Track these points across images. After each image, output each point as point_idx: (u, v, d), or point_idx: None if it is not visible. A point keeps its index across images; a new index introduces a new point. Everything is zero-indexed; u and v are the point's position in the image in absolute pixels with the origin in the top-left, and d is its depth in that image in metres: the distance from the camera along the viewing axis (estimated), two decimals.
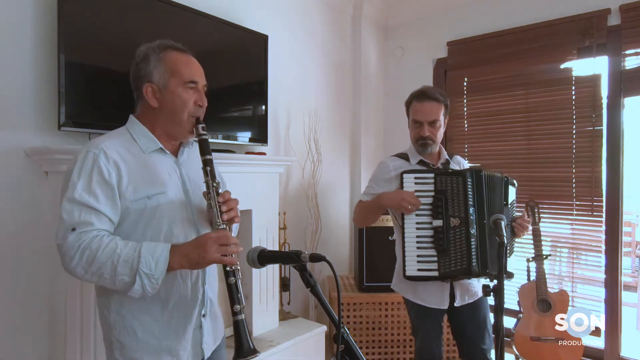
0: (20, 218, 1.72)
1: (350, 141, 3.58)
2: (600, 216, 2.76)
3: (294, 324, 2.73)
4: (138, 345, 1.16)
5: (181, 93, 1.19)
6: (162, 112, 1.20)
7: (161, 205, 1.15)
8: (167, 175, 1.20)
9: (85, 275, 1.06)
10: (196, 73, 1.23)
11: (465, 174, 1.75)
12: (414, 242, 1.75)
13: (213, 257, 1.07)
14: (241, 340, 1.09)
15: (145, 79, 1.19)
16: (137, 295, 1.06)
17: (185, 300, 1.19)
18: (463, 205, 1.71)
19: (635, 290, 4.07)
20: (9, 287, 1.69)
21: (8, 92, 1.69)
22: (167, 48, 1.21)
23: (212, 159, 1.20)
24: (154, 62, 1.19)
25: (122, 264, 1.03)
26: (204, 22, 2.28)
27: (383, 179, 1.94)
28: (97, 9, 1.84)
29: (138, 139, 1.19)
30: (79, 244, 1.04)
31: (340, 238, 3.46)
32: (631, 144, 2.76)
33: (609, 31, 2.71)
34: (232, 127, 2.50)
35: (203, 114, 1.24)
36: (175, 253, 1.07)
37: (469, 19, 3.30)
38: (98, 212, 1.07)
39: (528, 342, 2.53)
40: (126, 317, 1.16)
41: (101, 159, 1.10)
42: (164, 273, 1.06)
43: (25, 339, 1.73)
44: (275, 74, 2.77)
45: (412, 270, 1.75)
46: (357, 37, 3.55)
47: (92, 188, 1.07)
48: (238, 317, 1.10)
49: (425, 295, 1.85)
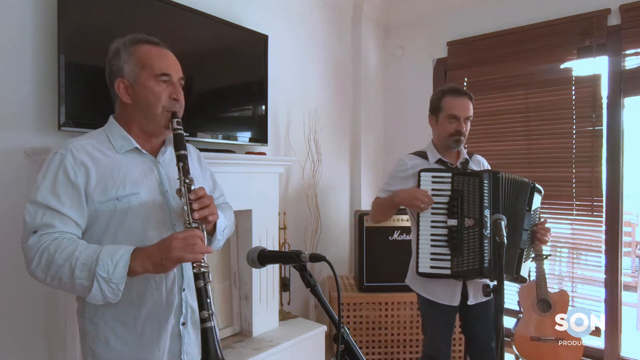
0: (19, 218, 1.71)
1: (350, 141, 3.58)
2: (600, 216, 2.76)
3: (294, 324, 2.73)
4: (111, 355, 1.11)
5: (153, 86, 1.13)
6: (136, 108, 1.15)
7: (133, 206, 1.09)
8: (141, 175, 1.14)
9: (45, 279, 1.01)
10: (169, 65, 1.17)
11: (482, 175, 1.75)
12: (428, 239, 1.78)
13: (177, 255, 0.98)
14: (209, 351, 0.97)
15: (117, 74, 1.15)
16: (97, 301, 0.99)
17: (160, 308, 1.12)
18: (478, 206, 1.72)
19: (635, 290, 4.07)
20: (9, 288, 1.69)
21: (8, 92, 1.69)
22: (138, 42, 1.16)
23: (187, 154, 1.13)
24: (124, 57, 1.15)
25: (79, 267, 0.97)
26: (204, 22, 2.28)
27: (400, 176, 1.95)
28: (97, 9, 1.84)
29: (113, 139, 1.15)
30: (38, 246, 1.00)
31: (340, 238, 3.46)
32: (631, 144, 2.76)
33: (609, 31, 2.71)
34: (232, 127, 2.50)
35: (181, 109, 1.18)
36: (138, 256, 1.00)
37: (469, 19, 3.30)
38: (61, 215, 1.03)
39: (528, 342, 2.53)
40: (99, 325, 1.11)
41: (68, 160, 1.06)
42: (123, 277, 0.98)
43: (24, 340, 1.73)
44: (275, 74, 2.77)
45: (424, 267, 1.77)
46: (357, 37, 3.55)
47: (56, 190, 1.04)
48: (206, 325, 0.99)
49: (437, 292, 1.87)
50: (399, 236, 2.88)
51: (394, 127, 3.77)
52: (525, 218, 1.77)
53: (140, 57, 1.14)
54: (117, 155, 1.13)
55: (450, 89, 1.94)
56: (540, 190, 1.86)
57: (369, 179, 3.63)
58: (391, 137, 3.78)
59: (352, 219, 3.48)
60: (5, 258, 1.69)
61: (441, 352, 1.93)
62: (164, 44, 1.20)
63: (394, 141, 3.76)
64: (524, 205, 1.78)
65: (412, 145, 3.57)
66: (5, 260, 1.69)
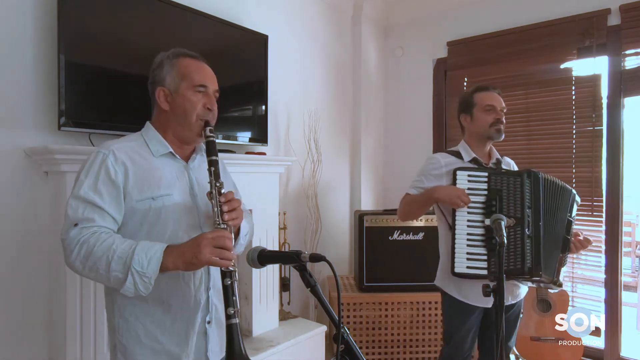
0: (20, 218, 1.72)
1: (350, 141, 3.58)
2: (600, 216, 2.76)
3: (294, 324, 2.73)
4: (141, 350, 1.16)
5: (190, 96, 1.22)
6: (173, 115, 1.23)
7: (166, 207, 1.16)
8: (174, 178, 1.21)
9: (83, 271, 1.07)
10: (207, 78, 1.26)
11: (524, 174, 1.74)
12: (464, 239, 1.75)
13: (206, 259, 1.03)
14: (233, 346, 1.03)
15: (158, 83, 1.24)
16: (129, 293, 1.05)
17: (188, 305, 1.18)
18: (520, 205, 1.70)
19: (635, 290, 4.07)
20: (9, 287, 1.69)
21: (8, 92, 1.69)
22: (180, 55, 1.26)
23: (218, 160, 1.21)
24: (167, 68, 1.24)
25: (116, 260, 1.03)
26: (204, 22, 2.28)
27: (433, 174, 1.91)
28: (97, 9, 1.84)
29: (150, 143, 1.23)
30: (78, 239, 1.06)
31: (340, 238, 3.46)
32: (631, 144, 2.76)
33: (609, 31, 2.71)
34: (232, 127, 2.50)
35: (214, 118, 1.26)
36: (170, 253, 1.06)
37: (469, 19, 3.30)
38: (101, 210, 1.09)
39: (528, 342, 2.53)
40: (130, 320, 1.16)
41: (109, 160, 1.13)
42: (156, 272, 1.04)
43: (25, 339, 1.73)
44: (275, 74, 2.77)
45: (461, 267, 1.74)
46: (357, 37, 3.55)
47: (98, 187, 1.10)
48: (232, 321, 1.05)
49: (471, 294, 1.82)
50: (399, 236, 2.88)
51: (393, 127, 3.77)
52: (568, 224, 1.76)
53: (181, 69, 1.23)
54: (153, 158, 1.21)
55: (478, 87, 1.97)
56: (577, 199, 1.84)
57: (369, 179, 3.63)
58: (391, 137, 3.78)
59: (352, 219, 3.48)
60: (6, 257, 1.69)
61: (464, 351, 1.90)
62: (203, 58, 1.29)
63: (394, 141, 3.76)
64: (565, 210, 1.76)
65: (412, 145, 3.62)
66: (6, 260, 1.69)
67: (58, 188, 1.72)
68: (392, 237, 2.88)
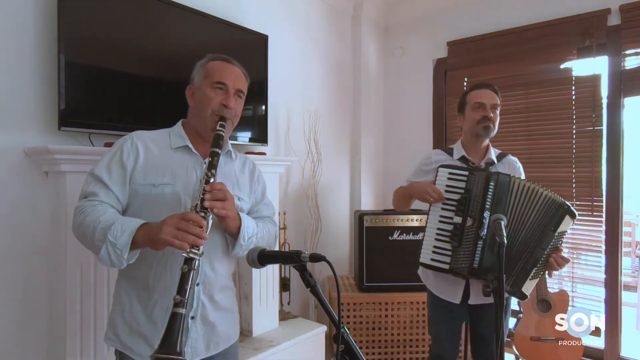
0: (20, 218, 1.72)
1: (350, 141, 3.58)
2: (600, 216, 2.76)
3: (294, 324, 2.73)
4: (122, 325, 1.21)
5: (208, 92, 1.27)
6: (194, 110, 1.31)
7: (165, 195, 1.19)
8: (183, 171, 1.24)
9: (78, 238, 1.15)
10: (228, 76, 1.29)
11: (490, 176, 1.72)
12: (433, 233, 1.79)
13: (164, 238, 1.02)
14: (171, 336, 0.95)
15: (190, 83, 1.34)
16: (105, 263, 1.08)
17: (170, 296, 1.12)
18: (480, 206, 1.71)
19: (635, 290, 4.07)
20: (9, 287, 1.69)
21: (8, 92, 1.69)
22: (212, 59, 1.33)
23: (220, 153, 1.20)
24: (197, 69, 1.33)
25: (99, 230, 1.08)
26: (204, 22, 2.28)
27: (422, 169, 2.01)
28: (97, 9, 1.84)
29: (172, 136, 1.29)
30: (82, 209, 1.14)
31: (340, 238, 3.46)
32: (631, 144, 2.76)
33: (609, 31, 2.71)
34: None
35: (232, 116, 1.29)
36: (142, 229, 1.08)
37: (469, 19, 3.30)
38: (106, 188, 1.17)
39: (528, 342, 2.53)
40: (122, 295, 1.23)
41: (127, 144, 1.22)
42: (127, 244, 1.05)
43: (25, 339, 1.73)
44: (275, 74, 2.77)
45: (425, 259, 1.79)
46: (357, 37, 3.55)
47: (110, 166, 1.19)
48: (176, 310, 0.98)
49: (440, 286, 1.91)
50: (399, 236, 2.88)
51: (393, 127, 3.77)
52: (546, 237, 1.66)
53: (208, 69, 1.30)
54: (169, 149, 1.26)
55: (474, 85, 2.00)
56: (574, 214, 1.70)
57: (369, 179, 3.63)
58: (391, 137, 3.78)
59: (352, 219, 3.48)
60: (6, 257, 1.69)
61: (446, 351, 1.92)
62: (234, 61, 1.35)
63: (394, 141, 3.76)
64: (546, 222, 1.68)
65: (411, 145, 3.62)
66: (6, 259, 1.69)
67: (58, 188, 1.72)
68: (392, 237, 2.88)
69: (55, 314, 1.75)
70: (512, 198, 1.71)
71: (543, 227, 1.68)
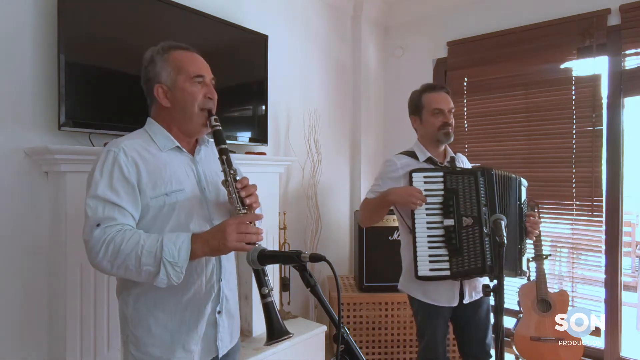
0: (20, 218, 1.72)
1: (350, 141, 3.58)
2: (600, 216, 2.75)
3: (294, 324, 2.73)
4: (152, 340, 1.18)
5: (189, 88, 1.22)
6: (175, 110, 1.24)
7: (179, 201, 1.18)
8: (184, 173, 1.23)
9: (112, 270, 1.09)
10: (202, 67, 1.26)
11: (477, 173, 1.73)
12: (425, 241, 1.73)
13: (233, 245, 1.08)
14: (272, 323, 1.09)
15: (154, 80, 1.24)
16: (163, 284, 1.07)
17: (199, 295, 1.21)
18: (476, 204, 1.70)
19: (635, 290, 4.07)
20: (9, 287, 1.69)
21: (8, 92, 1.69)
22: (170, 48, 1.25)
23: (228, 147, 1.23)
24: (160, 64, 1.23)
25: (145, 254, 1.05)
26: (204, 22, 2.28)
27: (390, 177, 1.90)
28: (96, 9, 1.84)
29: (156, 138, 1.23)
30: (104, 239, 1.06)
31: (340, 238, 3.46)
32: (631, 144, 2.76)
33: (609, 31, 2.71)
34: (232, 127, 2.50)
35: (215, 107, 1.27)
36: (197, 240, 1.09)
37: (469, 19, 3.30)
38: (120, 208, 1.10)
39: (528, 342, 2.53)
40: (141, 311, 1.19)
41: (121, 158, 1.14)
42: (187, 260, 1.07)
43: (25, 339, 1.73)
44: (275, 74, 2.77)
45: (424, 271, 1.72)
46: (357, 37, 3.55)
47: (114, 185, 1.11)
48: (267, 300, 1.10)
49: (436, 295, 1.82)
50: (399, 236, 2.86)
51: (394, 127, 3.77)
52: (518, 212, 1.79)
53: (175, 63, 1.23)
54: (161, 153, 1.22)
55: (427, 87, 1.95)
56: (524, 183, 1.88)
57: (369, 179, 3.63)
58: (391, 137, 3.78)
59: (352, 219, 3.48)
60: (6, 257, 1.69)
61: (440, 355, 1.90)
62: (193, 48, 1.30)
63: (394, 141, 3.75)
64: (515, 199, 1.78)
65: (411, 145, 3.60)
66: (6, 260, 1.69)
67: (58, 188, 1.72)
68: (392, 237, 2.88)
69: (55, 314, 1.75)
70: (498, 189, 1.75)
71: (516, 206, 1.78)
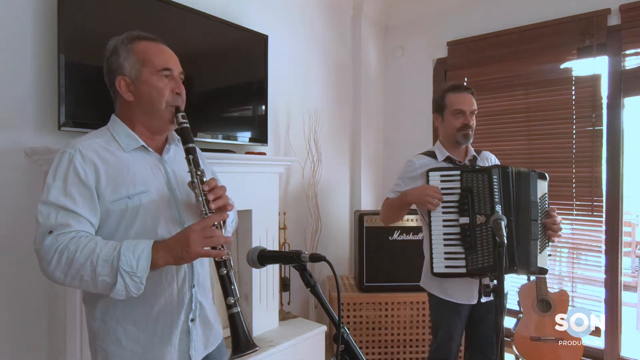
0: (20, 218, 1.72)
1: (350, 141, 3.58)
2: (600, 216, 2.76)
3: (294, 324, 2.73)
4: (123, 353, 1.10)
5: (155, 82, 1.13)
6: (139, 105, 1.14)
7: (143, 204, 1.09)
8: (150, 173, 1.14)
9: (65, 280, 0.99)
10: (170, 60, 1.17)
11: (491, 170, 1.73)
12: (441, 239, 1.75)
13: (197, 251, 0.99)
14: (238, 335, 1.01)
15: (117, 72, 1.14)
16: (120, 296, 0.99)
17: (171, 305, 1.13)
18: (489, 202, 1.70)
19: (635, 290, 4.07)
20: (9, 288, 1.69)
21: (8, 92, 1.69)
22: (135, 39, 1.16)
23: (195, 147, 1.14)
24: (123, 54, 1.14)
25: (101, 263, 0.96)
26: (204, 22, 2.28)
27: (409, 177, 1.94)
28: (97, 9, 1.84)
29: (118, 138, 1.14)
30: (56, 247, 0.97)
31: (340, 238, 3.46)
32: (631, 144, 2.76)
33: (609, 31, 2.71)
34: (232, 127, 2.50)
35: (183, 103, 1.18)
36: (159, 249, 1.00)
37: (469, 19, 3.30)
38: (75, 214, 1.01)
39: (528, 342, 2.53)
40: (110, 324, 1.10)
41: (77, 159, 1.04)
42: (147, 270, 0.98)
43: (25, 340, 1.73)
44: (275, 74, 2.77)
45: (439, 268, 1.74)
46: (357, 37, 3.55)
47: (68, 190, 1.02)
48: (233, 310, 1.02)
49: (454, 292, 1.84)
50: (399, 236, 2.88)
51: (394, 127, 3.77)
52: (532, 208, 1.73)
53: (140, 54, 1.14)
54: (124, 154, 1.12)
55: (452, 86, 1.96)
56: (544, 175, 1.81)
57: (369, 179, 3.63)
58: (391, 137, 3.78)
59: (352, 219, 3.48)
60: (6, 258, 1.69)
61: (452, 354, 1.91)
62: (160, 39, 1.20)
63: (394, 141, 3.76)
64: (528, 195, 1.75)
65: (412, 145, 3.60)
66: (5, 260, 1.69)
67: None
68: (392, 237, 2.88)
69: (55, 314, 1.75)
70: (513, 187, 1.74)
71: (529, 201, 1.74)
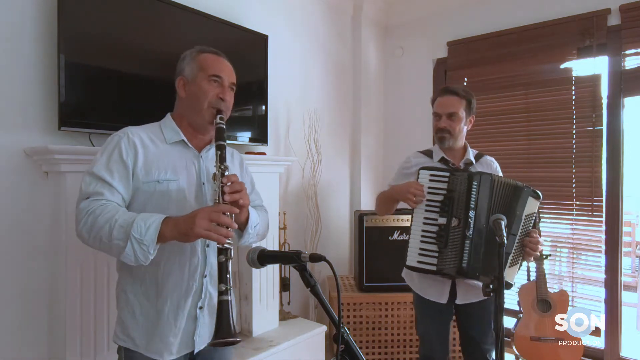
0: (20, 218, 1.72)
1: (350, 141, 3.58)
2: (600, 216, 2.76)
3: (294, 324, 2.73)
4: (135, 325, 1.23)
5: (204, 84, 1.28)
6: (187, 102, 1.31)
7: (170, 191, 1.22)
8: (183, 165, 1.26)
9: (89, 240, 1.13)
10: (223, 70, 1.32)
11: (473, 175, 1.74)
12: (418, 235, 1.79)
13: (198, 231, 1.06)
14: (221, 322, 1.04)
15: (179, 74, 1.34)
16: (130, 261, 1.09)
17: (180, 289, 1.23)
18: (464, 206, 1.72)
19: (635, 290, 4.07)
20: (9, 287, 1.69)
21: (8, 92, 1.69)
22: (201, 51, 1.35)
23: (226, 145, 1.24)
24: (188, 60, 1.33)
25: (117, 228, 1.07)
26: (204, 22, 2.28)
27: (403, 173, 2.01)
28: (97, 9, 1.84)
29: (164, 131, 1.30)
30: (87, 210, 1.12)
31: (340, 238, 3.46)
32: (631, 144, 2.76)
33: (609, 31, 2.71)
34: (232, 127, 2.49)
35: (227, 109, 1.32)
36: (169, 223, 1.09)
37: (469, 19, 3.30)
38: (110, 187, 1.16)
39: (528, 342, 2.53)
40: (129, 296, 1.24)
41: (123, 141, 1.21)
42: (154, 240, 1.07)
43: (25, 339, 1.73)
44: (275, 74, 2.77)
45: (412, 261, 1.79)
46: (357, 37, 3.55)
47: (110, 165, 1.18)
48: (223, 297, 1.07)
49: (425, 287, 1.91)
50: (399, 236, 2.88)
51: (394, 127, 3.77)
52: (514, 223, 1.71)
53: (200, 62, 1.32)
54: (165, 145, 1.27)
55: (440, 89, 2.00)
56: (537, 195, 1.77)
57: (369, 179, 3.63)
58: (391, 137, 3.78)
59: (352, 219, 3.48)
60: (6, 257, 1.69)
61: (436, 351, 1.92)
62: (223, 55, 1.38)
63: (394, 141, 3.76)
64: (513, 208, 1.74)
65: (412, 145, 3.59)
66: (6, 260, 1.69)
67: (58, 188, 1.72)
68: (392, 237, 2.88)
69: (55, 314, 1.75)
70: (497, 196, 1.74)
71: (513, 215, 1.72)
